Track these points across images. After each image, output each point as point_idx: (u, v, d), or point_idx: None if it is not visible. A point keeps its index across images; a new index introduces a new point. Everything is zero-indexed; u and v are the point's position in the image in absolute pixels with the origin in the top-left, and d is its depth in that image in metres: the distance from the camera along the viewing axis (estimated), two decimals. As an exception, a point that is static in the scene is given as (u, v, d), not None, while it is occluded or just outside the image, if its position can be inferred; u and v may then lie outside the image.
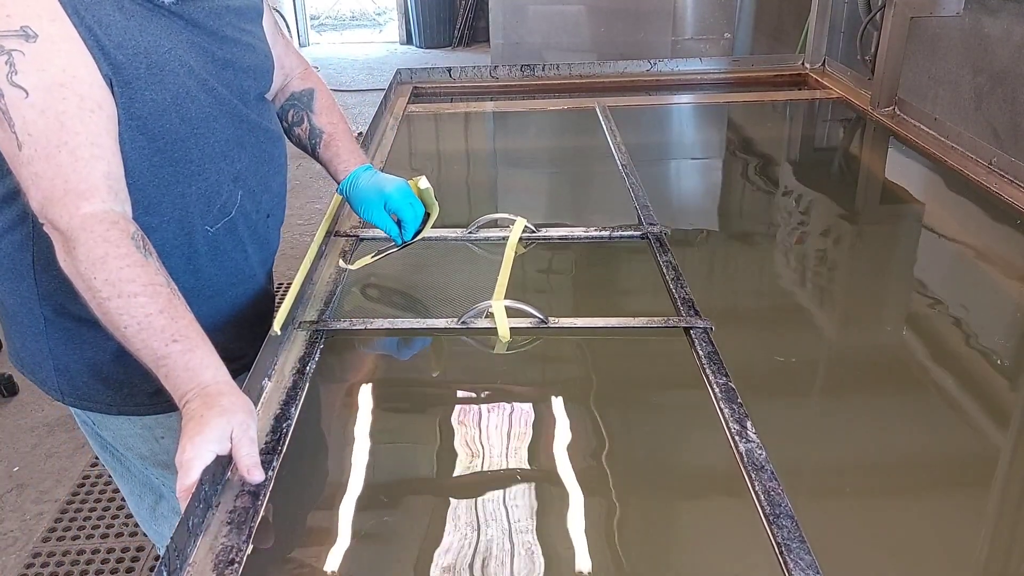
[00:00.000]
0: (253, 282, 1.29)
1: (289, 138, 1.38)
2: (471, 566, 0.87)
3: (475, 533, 0.91)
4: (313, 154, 1.41)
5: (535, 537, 0.91)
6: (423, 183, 1.37)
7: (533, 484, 0.99)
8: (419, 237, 1.41)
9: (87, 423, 1.30)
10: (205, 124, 1.10)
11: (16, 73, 0.92)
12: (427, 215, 1.40)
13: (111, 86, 0.99)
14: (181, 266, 1.13)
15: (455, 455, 1.04)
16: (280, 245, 1.36)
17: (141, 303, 0.93)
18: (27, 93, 0.92)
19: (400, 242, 1.39)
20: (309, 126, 1.38)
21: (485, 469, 1.02)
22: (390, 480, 1.04)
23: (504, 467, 1.02)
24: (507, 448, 1.05)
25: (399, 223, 1.37)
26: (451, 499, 0.97)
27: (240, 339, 1.24)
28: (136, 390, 1.21)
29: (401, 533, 0.95)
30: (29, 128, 0.93)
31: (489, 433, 1.08)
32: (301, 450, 1.03)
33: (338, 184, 1.39)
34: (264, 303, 1.33)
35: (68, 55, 0.95)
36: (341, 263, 1.41)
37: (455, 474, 1.02)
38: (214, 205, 1.15)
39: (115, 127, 1.00)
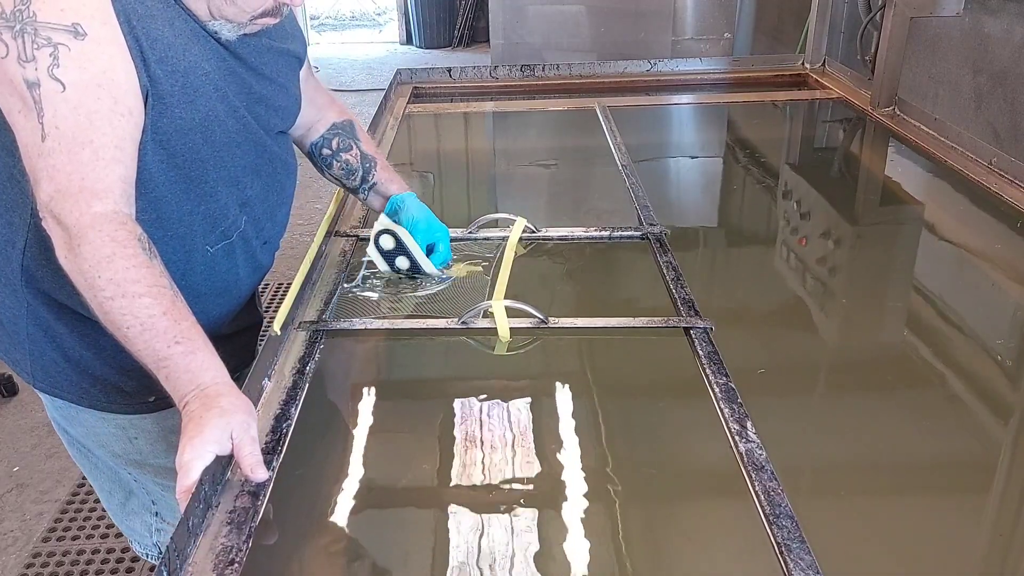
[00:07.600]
0: (237, 298, 1.29)
1: (330, 168, 1.43)
2: (471, 566, 0.87)
3: (475, 533, 0.91)
4: (363, 178, 1.44)
5: (536, 537, 0.91)
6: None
7: (534, 484, 1.00)
8: (415, 272, 1.41)
9: (55, 418, 1.29)
10: (227, 149, 1.12)
11: (58, 67, 0.93)
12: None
13: (146, 98, 1.00)
14: (175, 281, 1.13)
15: (455, 455, 1.05)
16: (280, 247, 1.37)
17: (145, 304, 0.93)
18: (64, 87, 0.93)
19: (415, 261, 1.40)
20: (360, 152, 1.44)
21: (485, 469, 1.02)
22: (390, 480, 1.04)
23: (504, 467, 1.02)
24: (507, 448, 1.05)
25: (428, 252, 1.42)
26: (451, 499, 0.98)
27: (219, 347, 1.23)
28: (110, 387, 1.20)
29: (401, 533, 0.95)
30: (58, 121, 0.94)
31: (489, 433, 1.08)
32: (301, 450, 1.03)
33: (390, 196, 1.44)
34: (245, 316, 1.34)
35: (111, 59, 0.96)
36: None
37: (455, 474, 1.02)
38: (218, 227, 1.16)
39: (139, 135, 1.01)
